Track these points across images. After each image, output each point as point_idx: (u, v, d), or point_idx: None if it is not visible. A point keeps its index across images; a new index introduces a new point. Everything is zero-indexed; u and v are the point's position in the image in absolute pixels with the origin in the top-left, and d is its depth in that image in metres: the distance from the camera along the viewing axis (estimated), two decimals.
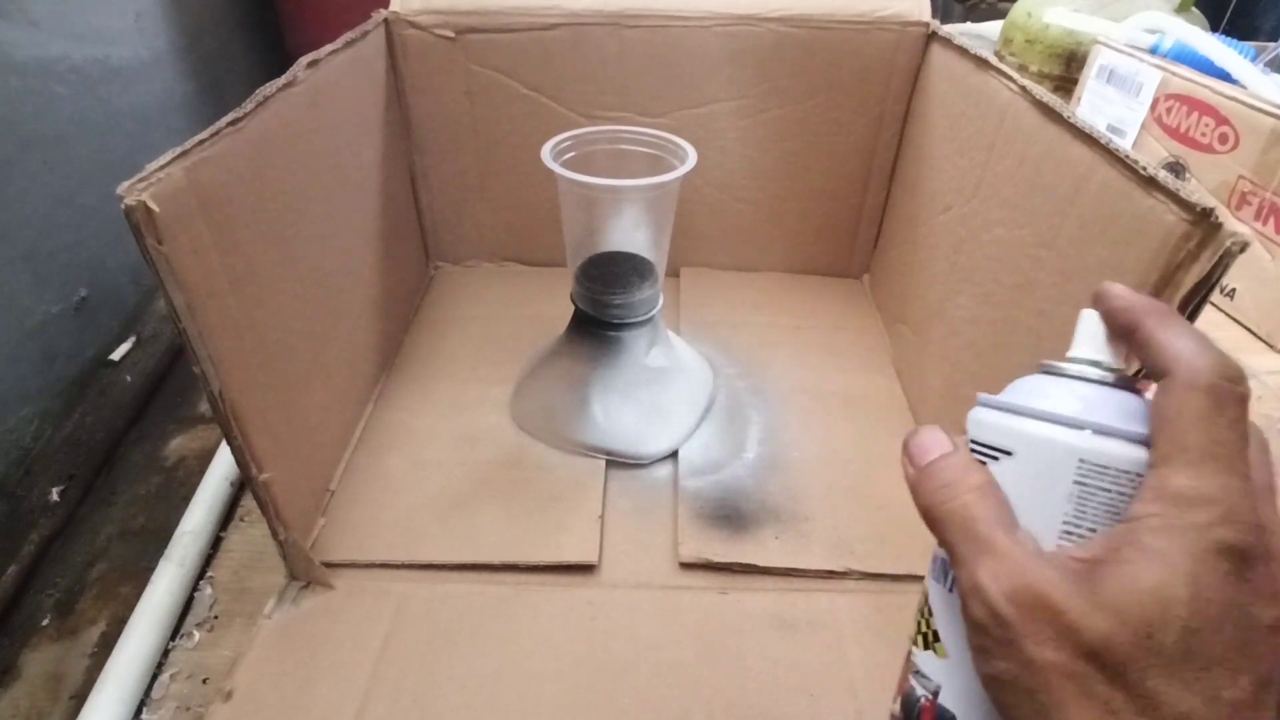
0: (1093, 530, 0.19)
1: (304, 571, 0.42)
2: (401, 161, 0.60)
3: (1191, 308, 0.28)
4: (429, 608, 0.41)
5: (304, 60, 0.42)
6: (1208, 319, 0.46)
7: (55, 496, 0.49)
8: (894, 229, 0.62)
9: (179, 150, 0.31)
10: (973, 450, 0.21)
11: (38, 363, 0.55)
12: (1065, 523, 0.19)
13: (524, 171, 0.63)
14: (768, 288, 0.67)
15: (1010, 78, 0.42)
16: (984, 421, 0.21)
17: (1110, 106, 0.70)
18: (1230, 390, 0.18)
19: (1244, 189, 0.58)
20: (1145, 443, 0.19)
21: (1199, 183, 0.61)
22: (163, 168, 0.30)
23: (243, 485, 0.50)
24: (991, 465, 0.21)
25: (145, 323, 0.65)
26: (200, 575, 0.44)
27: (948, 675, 0.22)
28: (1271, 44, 0.67)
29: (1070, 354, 0.22)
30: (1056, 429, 0.20)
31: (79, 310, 0.59)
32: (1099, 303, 0.21)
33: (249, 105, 0.36)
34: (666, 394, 0.52)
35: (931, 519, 0.21)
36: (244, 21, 0.92)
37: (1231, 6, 0.96)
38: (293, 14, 0.94)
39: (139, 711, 0.37)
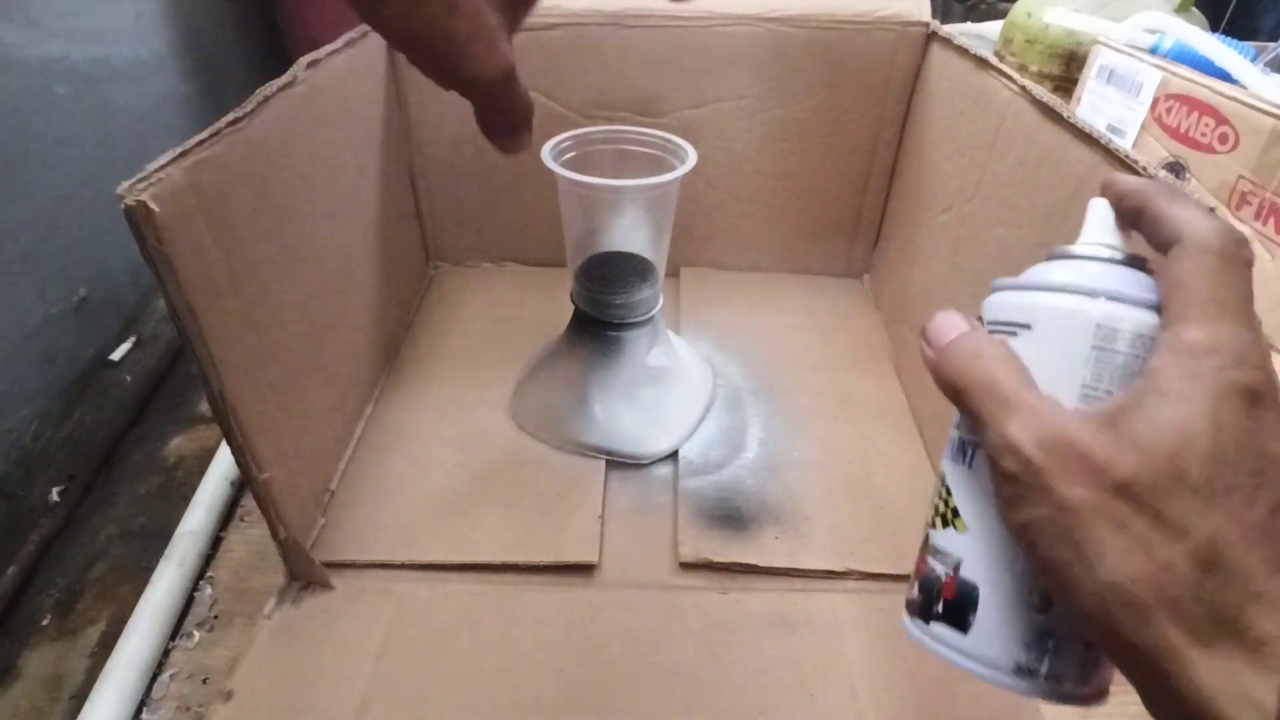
0: (1110, 392, 0.20)
1: (304, 572, 0.42)
2: (401, 161, 0.60)
3: None
4: (429, 608, 0.41)
5: (304, 60, 0.42)
6: None
7: (55, 496, 0.49)
8: (894, 229, 0.62)
9: (179, 150, 0.31)
10: (990, 331, 0.22)
11: (38, 363, 0.55)
12: (1084, 386, 0.20)
13: (524, 171, 0.63)
14: (768, 288, 0.67)
15: (1010, 78, 0.42)
16: (1000, 302, 0.22)
17: (1110, 106, 0.70)
18: (1236, 251, 0.19)
19: (1244, 189, 0.58)
20: (1157, 309, 0.20)
21: (1199, 183, 0.61)
22: (163, 168, 0.30)
23: (243, 485, 0.50)
24: (1010, 340, 0.21)
25: (145, 323, 0.65)
26: (200, 575, 0.44)
27: (969, 547, 0.22)
28: (1271, 44, 0.67)
29: (1081, 239, 0.22)
30: (1073, 298, 0.21)
31: (79, 310, 0.59)
32: (1108, 190, 0.22)
33: (249, 105, 0.36)
34: (667, 394, 0.52)
35: (956, 390, 0.21)
36: (244, 21, 0.92)
37: (1231, 6, 0.96)
38: (293, 14, 0.94)
39: (139, 711, 0.37)
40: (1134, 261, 0.22)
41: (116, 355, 0.61)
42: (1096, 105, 0.72)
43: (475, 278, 0.68)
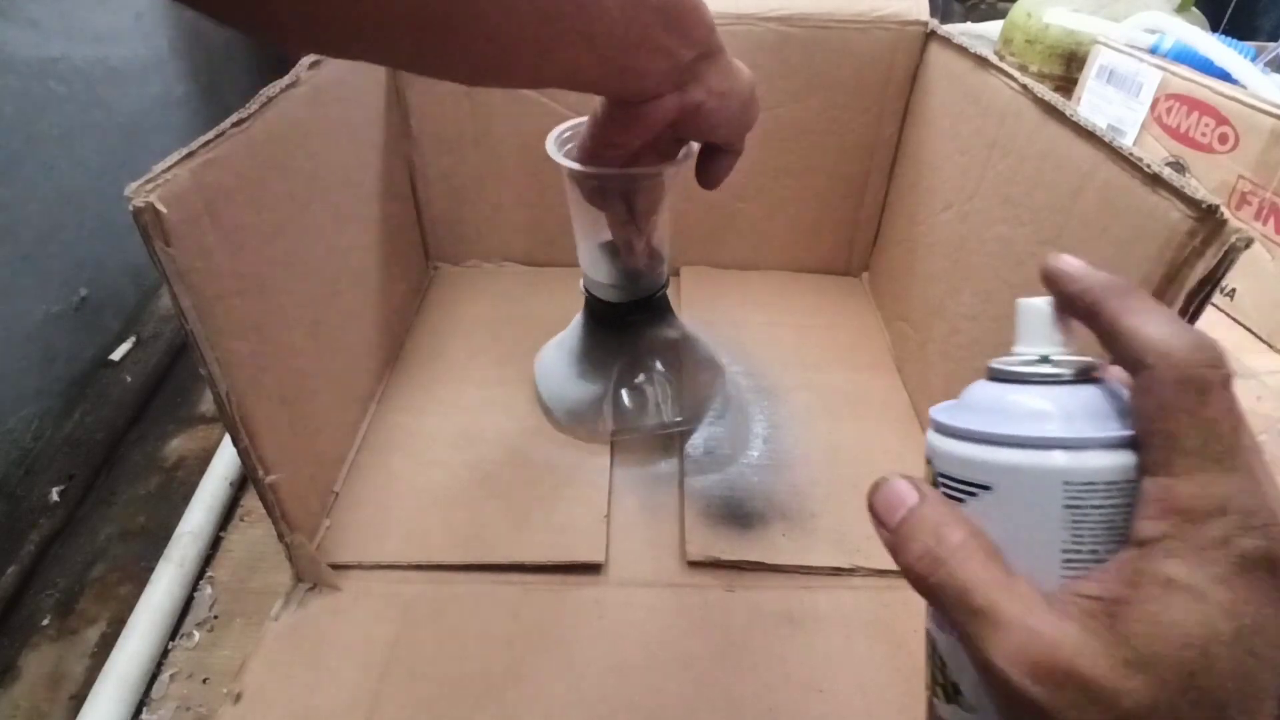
0: (1094, 552, 0.17)
1: (310, 573, 0.42)
2: (401, 161, 0.60)
3: (1195, 305, 0.28)
4: (436, 609, 0.41)
5: (306, 61, 0.42)
6: (1208, 319, 0.46)
7: (55, 496, 0.49)
8: (893, 227, 0.62)
9: (185, 151, 0.31)
10: (942, 485, 0.20)
11: (38, 363, 0.55)
12: (1065, 552, 0.18)
13: (524, 171, 0.63)
14: (768, 286, 0.67)
15: (1011, 76, 0.42)
16: (951, 455, 0.19)
17: (1110, 106, 0.70)
18: (1214, 376, 0.17)
19: (1244, 189, 0.59)
20: (1128, 444, 0.17)
21: (1199, 183, 0.61)
22: (169, 169, 0.30)
23: (243, 485, 0.49)
24: (970, 501, 0.19)
25: (145, 323, 0.65)
26: (200, 575, 0.44)
27: None
28: (1271, 44, 0.67)
29: (1017, 349, 0.20)
30: (1033, 454, 0.18)
31: (79, 310, 0.59)
32: (1052, 283, 0.20)
33: (253, 106, 0.36)
34: (690, 359, 0.53)
35: (920, 591, 0.19)
36: None
37: (1231, 6, 0.96)
38: None
39: (139, 711, 0.37)
40: (1085, 377, 0.19)
41: (116, 355, 0.61)
42: (1096, 105, 0.72)
43: (475, 278, 0.68)
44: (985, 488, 0.19)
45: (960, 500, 0.19)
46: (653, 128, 0.32)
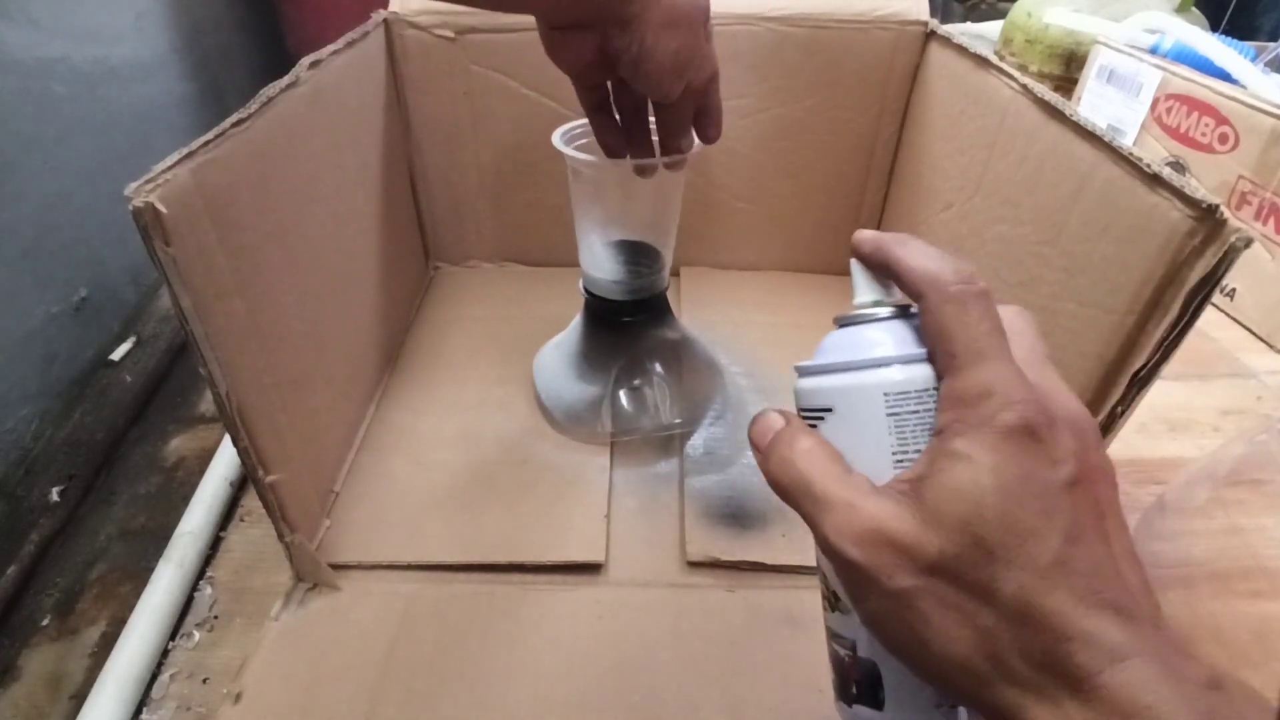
0: (918, 451, 0.21)
1: (310, 573, 0.42)
2: (401, 161, 0.60)
3: (1195, 304, 0.28)
4: (436, 608, 0.41)
5: (306, 61, 0.42)
6: (1208, 319, 0.46)
7: (55, 496, 0.49)
8: (893, 227, 0.62)
9: (185, 151, 0.31)
10: (804, 418, 0.23)
11: (38, 363, 0.55)
12: (894, 453, 0.21)
13: (524, 171, 0.63)
14: (768, 287, 0.67)
15: (1011, 76, 0.42)
16: (803, 389, 0.23)
17: (1110, 106, 0.70)
18: (970, 292, 0.20)
19: (1244, 189, 0.59)
20: (928, 358, 0.21)
21: (1199, 183, 0.61)
22: (169, 169, 0.29)
23: (242, 485, 0.49)
24: (821, 426, 0.22)
25: (145, 323, 0.65)
26: (200, 575, 0.44)
27: (855, 628, 0.23)
28: (1271, 44, 0.67)
29: (855, 301, 0.24)
30: (859, 375, 0.22)
31: (79, 310, 0.59)
32: (855, 251, 0.24)
33: (253, 106, 0.36)
34: (688, 362, 0.53)
35: (779, 493, 0.22)
36: (244, 21, 0.92)
37: (1231, 6, 0.96)
38: (293, 14, 0.94)
39: (139, 711, 0.37)
40: (903, 313, 0.22)
41: (116, 355, 0.61)
42: (1096, 105, 0.72)
43: (475, 278, 0.68)
44: (829, 410, 0.22)
45: (814, 425, 0.23)
46: (574, 60, 0.35)
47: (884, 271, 0.22)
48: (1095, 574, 0.18)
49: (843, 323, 0.23)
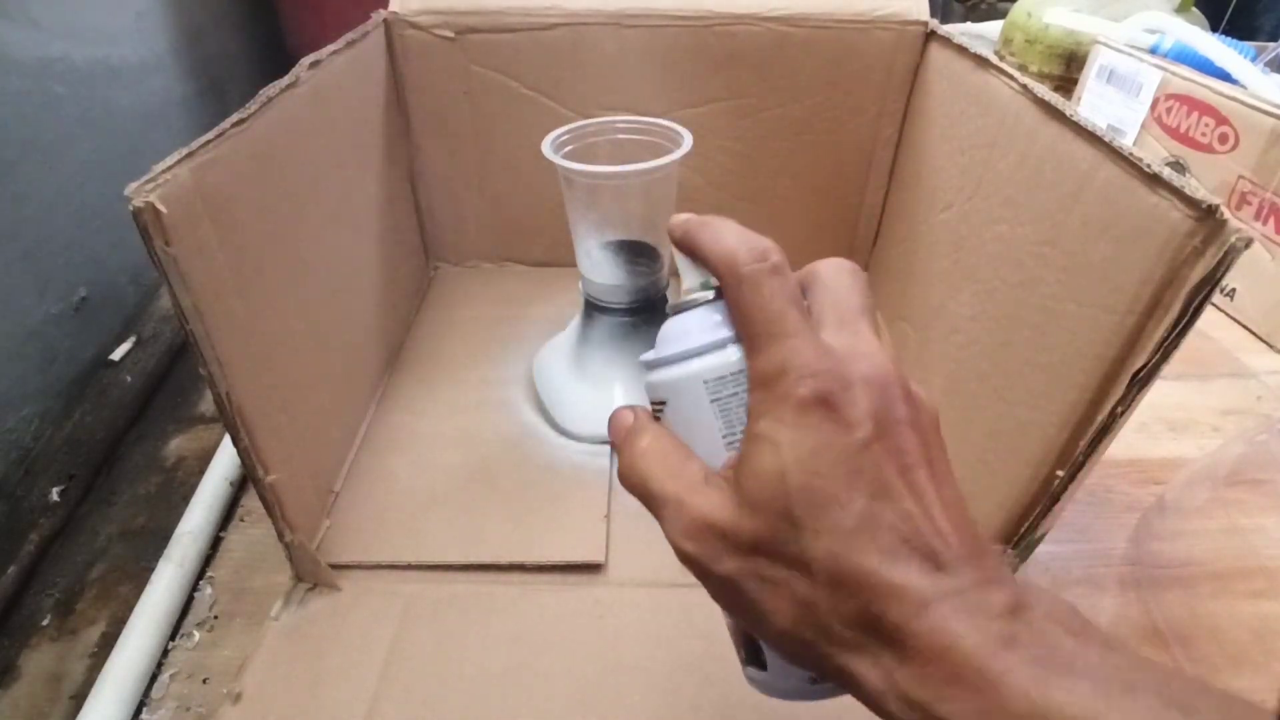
0: (745, 432, 0.21)
1: (310, 573, 0.42)
2: (401, 161, 0.60)
3: (1195, 304, 0.28)
4: (436, 608, 0.41)
5: (306, 61, 0.42)
6: (1208, 319, 0.46)
7: (55, 496, 0.49)
8: (893, 227, 0.62)
9: (185, 151, 0.31)
10: (653, 409, 0.23)
11: (38, 363, 0.55)
12: (724, 436, 0.21)
13: (524, 171, 0.63)
14: None
15: (1011, 76, 0.42)
16: (646, 383, 0.23)
17: (1110, 106, 0.70)
18: (762, 269, 0.20)
19: (1244, 189, 0.59)
20: (737, 340, 0.21)
21: (1199, 183, 0.61)
22: (169, 169, 0.30)
23: (242, 485, 0.49)
24: (663, 417, 0.23)
25: (145, 323, 0.65)
26: (200, 575, 0.44)
27: None
28: (1271, 44, 0.67)
29: (683, 287, 0.24)
30: (680, 366, 0.22)
31: (79, 310, 0.59)
32: (669, 238, 0.24)
33: (253, 106, 0.36)
34: None
35: (631, 493, 0.23)
36: (244, 21, 0.92)
37: (1231, 6, 0.96)
38: (293, 14, 0.94)
39: (139, 711, 0.37)
40: (719, 295, 0.22)
41: (116, 355, 0.61)
42: (1096, 105, 0.72)
43: (475, 278, 0.68)
44: (664, 402, 0.23)
45: (659, 416, 0.23)
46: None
47: (692, 256, 0.23)
48: (902, 525, 0.18)
49: (672, 310, 0.24)
